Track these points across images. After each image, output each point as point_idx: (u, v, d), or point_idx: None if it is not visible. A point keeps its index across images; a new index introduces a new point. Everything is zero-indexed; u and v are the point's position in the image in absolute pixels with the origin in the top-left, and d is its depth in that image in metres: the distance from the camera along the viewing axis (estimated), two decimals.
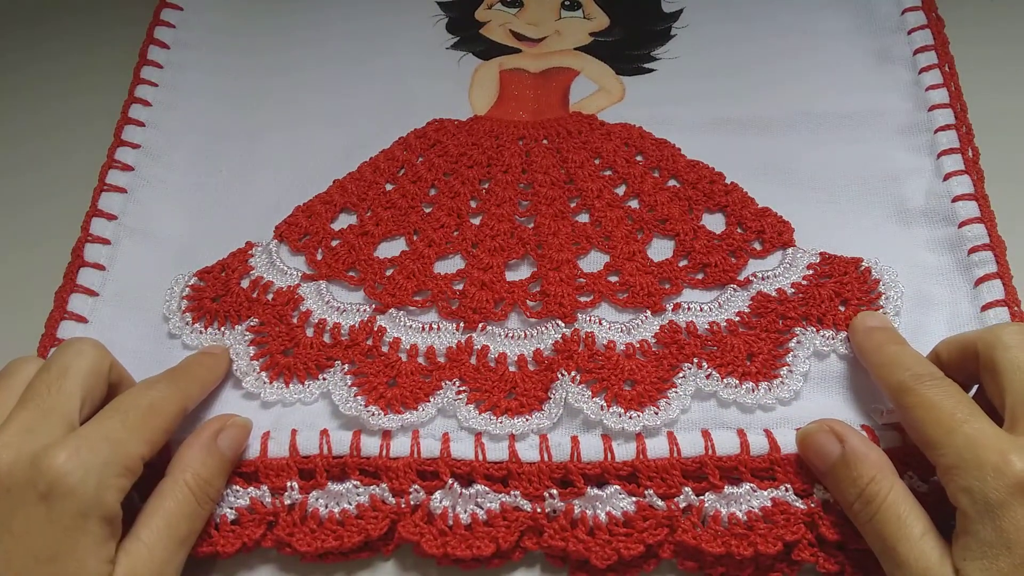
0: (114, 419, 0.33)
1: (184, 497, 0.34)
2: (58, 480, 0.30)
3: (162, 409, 0.34)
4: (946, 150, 0.44)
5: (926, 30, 0.49)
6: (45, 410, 0.32)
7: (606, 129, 0.48)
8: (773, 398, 0.38)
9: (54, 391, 0.33)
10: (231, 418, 0.37)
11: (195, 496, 0.34)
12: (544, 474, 0.36)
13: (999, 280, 0.40)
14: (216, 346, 0.41)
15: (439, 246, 0.44)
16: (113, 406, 0.34)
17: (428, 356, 0.40)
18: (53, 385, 0.33)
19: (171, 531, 0.33)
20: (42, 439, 0.31)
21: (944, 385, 0.33)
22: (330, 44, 0.54)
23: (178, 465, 0.35)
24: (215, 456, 0.35)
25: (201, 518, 0.35)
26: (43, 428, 0.31)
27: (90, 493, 0.30)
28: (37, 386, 0.33)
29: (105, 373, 0.35)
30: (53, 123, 0.53)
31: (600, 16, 0.54)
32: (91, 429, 0.32)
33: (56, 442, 0.31)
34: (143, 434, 0.33)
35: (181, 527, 0.33)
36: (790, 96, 0.49)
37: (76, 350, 0.35)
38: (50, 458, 0.30)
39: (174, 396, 0.35)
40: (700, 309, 0.41)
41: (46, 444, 0.31)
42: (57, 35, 0.57)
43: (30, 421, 0.32)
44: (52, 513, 0.30)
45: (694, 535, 0.34)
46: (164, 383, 0.36)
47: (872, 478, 0.32)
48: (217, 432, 0.36)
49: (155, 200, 0.47)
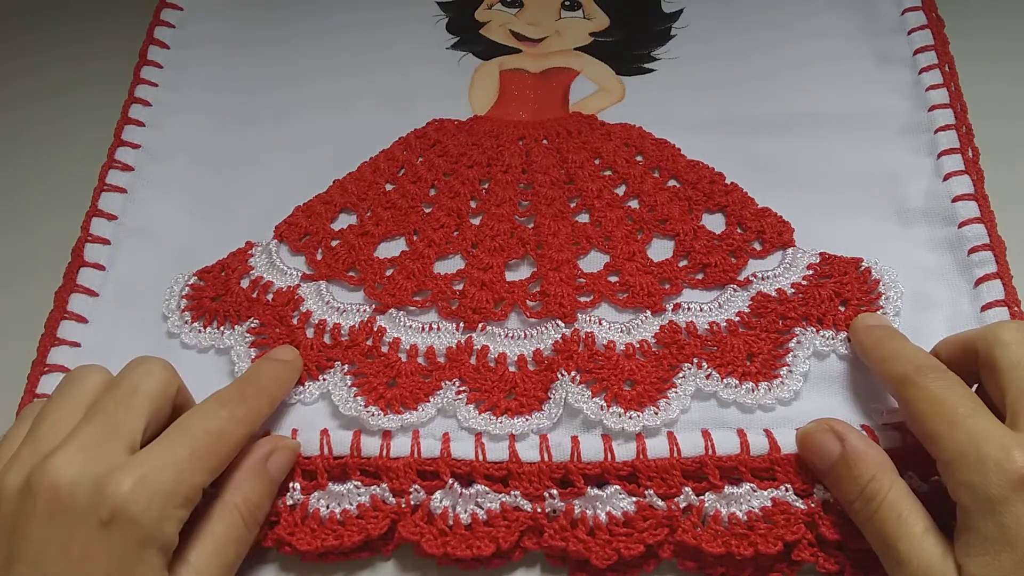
0: (182, 445, 0.31)
1: (234, 522, 0.33)
2: (122, 508, 0.29)
3: (231, 436, 0.33)
4: (946, 150, 0.44)
5: (926, 30, 0.49)
6: (110, 429, 0.31)
7: (606, 129, 0.48)
8: (773, 398, 0.38)
9: (122, 410, 0.32)
10: (281, 440, 0.37)
11: (244, 521, 0.33)
12: (544, 474, 0.36)
13: (999, 280, 0.40)
14: (287, 350, 0.40)
15: (439, 246, 0.44)
16: (182, 428, 0.32)
17: (428, 356, 0.40)
18: (121, 404, 0.32)
19: (220, 557, 0.32)
20: (105, 460, 0.30)
21: (947, 379, 0.32)
22: (330, 44, 0.54)
23: (228, 488, 0.34)
24: (265, 480, 0.35)
25: (248, 543, 0.34)
26: (107, 448, 0.30)
27: (152, 523, 0.29)
28: (105, 402, 0.32)
29: (172, 396, 0.34)
30: (53, 123, 0.53)
31: (600, 16, 0.54)
32: (158, 454, 0.31)
33: (121, 466, 0.30)
34: (208, 463, 0.32)
35: (230, 552, 0.33)
36: (790, 96, 0.49)
37: (146, 370, 0.33)
38: (115, 483, 0.29)
39: (243, 420, 0.34)
40: (700, 309, 0.41)
41: (110, 466, 0.30)
42: (57, 35, 0.57)
43: (95, 439, 0.31)
44: (112, 540, 0.29)
45: (694, 535, 0.34)
46: (235, 403, 0.34)
47: (873, 476, 0.32)
48: (268, 455, 0.35)
49: (155, 200, 0.47)
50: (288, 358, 0.39)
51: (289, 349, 0.40)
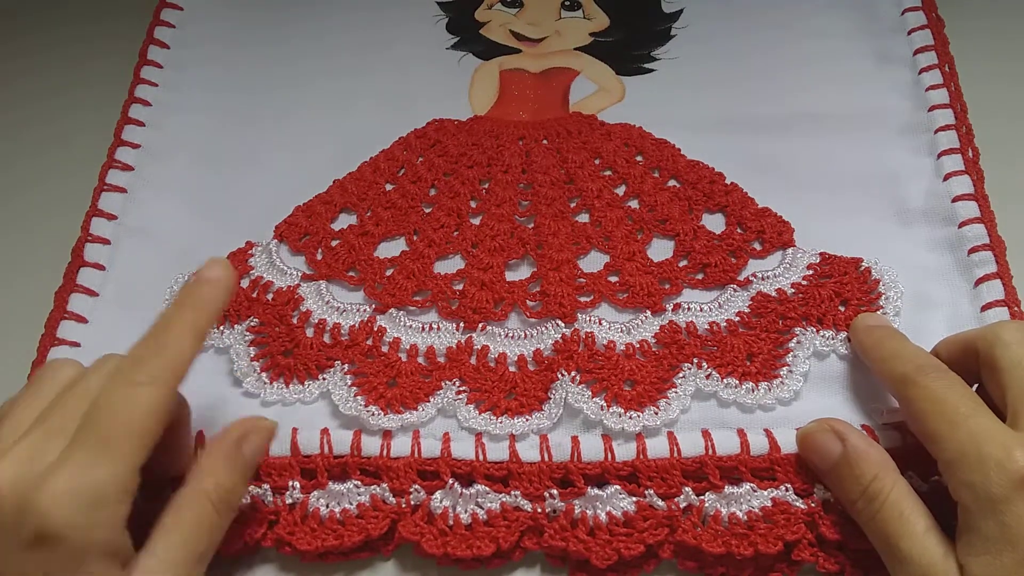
0: (91, 442, 0.28)
1: (204, 509, 0.31)
2: (43, 527, 0.27)
3: (155, 402, 0.30)
4: (946, 150, 0.44)
5: (926, 30, 0.49)
6: (54, 435, 0.29)
7: (606, 129, 0.48)
8: (773, 398, 0.38)
9: (70, 414, 0.30)
10: (257, 422, 0.35)
11: (216, 508, 0.31)
12: (544, 474, 0.36)
13: (999, 280, 0.40)
14: (215, 265, 0.33)
15: (439, 246, 0.44)
16: (90, 420, 0.29)
17: (428, 356, 0.40)
18: (69, 407, 0.30)
19: (189, 546, 0.30)
20: (37, 471, 0.28)
21: (948, 378, 0.32)
22: (330, 43, 0.54)
23: (198, 474, 0.32)
24: (239, 464, 0.33)
25: (221, 530, 0.32)
26: (46, 457, 0.28)
27: (81, 536, 0.27)
28: (58, 404, 0.30)
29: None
30: (53, 123, 0.52)
31: (600, 16, 0.54)
32: (71, 459, 0.28)
33: (40, 481, 0.27)
34: (132, 446, 0.29)
35: (201, 541, 0.31)
36: (790, 96, 0.49)
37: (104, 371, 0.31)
38: (33, 504, 0.27)
39: (164, 374, 0.30)
40: (700, 309, 0.41)
41: (40, 475, 0.27)
42: (57, 35, 0.57)
43: (37, 446, 0.29)
44: (44, 560, 0.27)
45: (694, 535, 0.34)
46: (151, 356, 0.30)
47: (875, 476, 0.32)
48: (241, 438, 0.34)
49: (155, 200, 0.47)
50: (214, 275, 0.33)
51: (218, 263, 0.33)
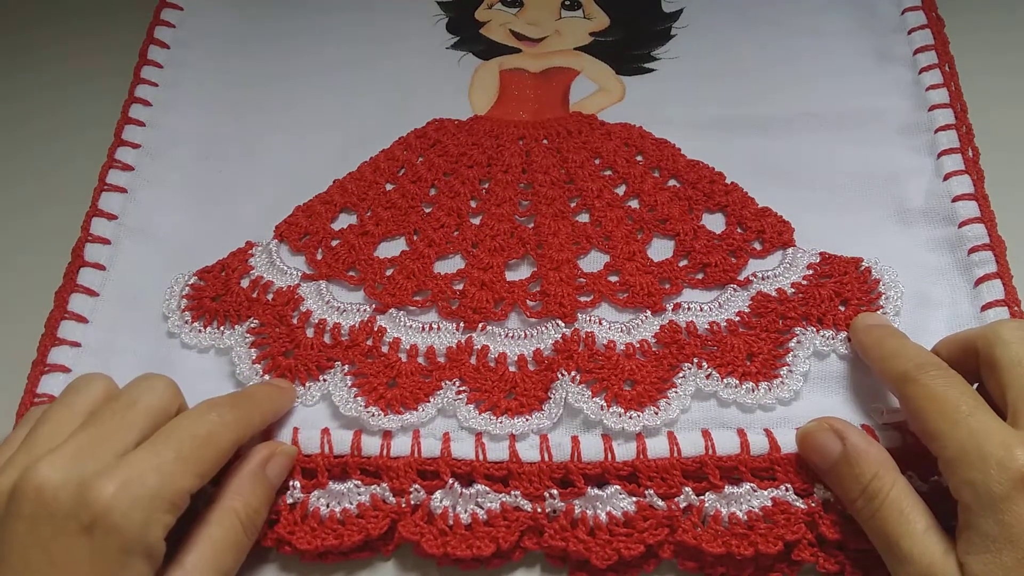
0: (167, 448, 0.31)
1: (233, 527, 0.33)
2: (103, 514, 0.29)
3: (219, 440, 0.33)
4: (946, 150, 0.44)
5: (926, 30, 0.49)
6: (103, 437, 0.31)
7: (606, 129, 0.48)
8: (773, 398, 0.38)
9: (118, 420, 0.32)
10: (279, 446, 0.36)
11: (243, 526, 0.33)
12: (544, 474, 0.36)
13: (999, 280, 0.40)
14: (283, 380, 0.39)
15: (439, 246, 0.44)
16: (168, 432, 0.32)
17: (428, 356, 0.40)
18: (118, 414, 0.32)
19: (217, 562, 0.32)
20: (92, 466, 0.30)
21: (948, 376, 0.32)
22: (330, 43, 0.54)
23: (227, 493, 0.34)
24: (264, 486, 0.35)
25: (245, 550, 0.34)
26: (97, 455, 0.30)
27: (135, 530, 0.29)
28: (103, 412, 0.32)
29: (172, 414, 0.34)
30: (53, 123, 0.52)
31: (600, 16, 0.54)
32: (142, 458, 0.30)
33: (105, 470, 0.29)
34: (195, 467, 0.31)
35: (227, 558, 0.32)
36: (790, 96, 0.49)
37: (148, 385, 0.33)
38: (97, 489, 0.29)
39: (233, 426, 0.34)
40: (700, 309, 0.41)
41: (95, 472, 0.29)
42: (57, 35, 0.57)
43: (87, 446, 0.30)
44: (94, 547, 0.28)
45: (694, 535, 0.34)
46: (225, 408, 0.34)
47: (875, 474, 0.32)
48: (266, 460, 0.35)
49: (155, 200, 0.47)
50: (283, 385, 0.39)
51: (284, 381, 0.39)
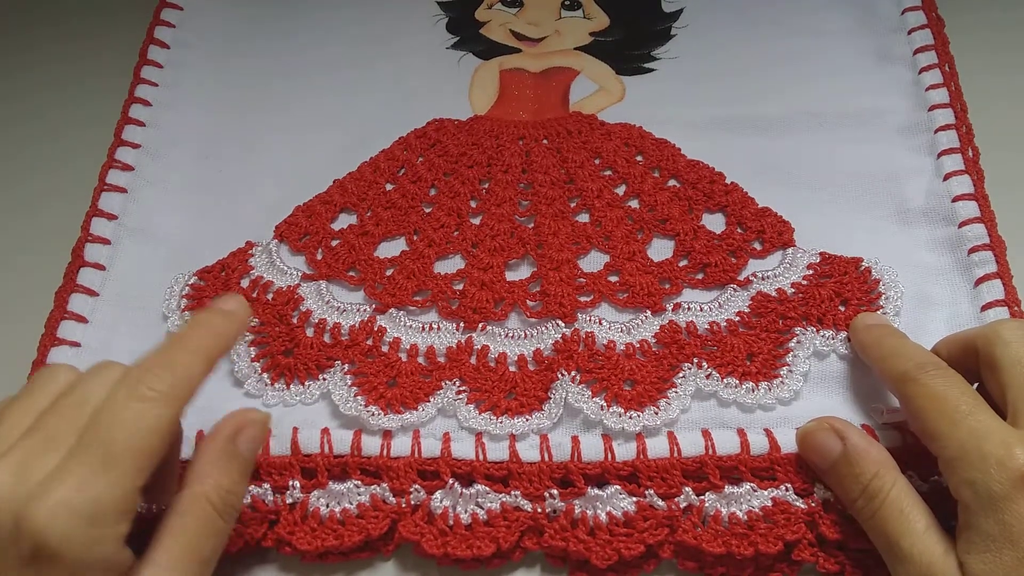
0: (92, 456, 0.27)
1: (205, 513, 0.30)
2: (41, 544, 0.25)
3: (154, 421, 0.28)
4: (946, 150, 0.44)
5: (926, 30, 0.49)
6: (44, 445, 0.27)
7: (606, 129, 0.48)
8: (773, 398, 0.38)
9: (63, 423, 0.28)
10: (249, 414, 0.33)
11: (218, 511, 0.30)
12: (544, 474, 0.36)
13: (999, 280, 0.40)
14: (231, 299, 0.33)
15: (439, 246, 0.44)
16: (91, 432, 0.27)
17: (428, 356, 0.40)
18: (65, 415, 0.28)
19: (193, 552, 0.29)
20: (28, 484, 0.26)
21: (948, 375, 0.32)
22: (330, 43, 0.54)
23: (195, 476, 0.30)
24: (236, 462, 0.31)
25: (225, 532, 0.31)
26: (36, 467, 0.27)
27: (78, 554, 0.26)
28: (50, 412, 0.28)
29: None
30: (53, 123, 0.53)
31: (600, 16, 0.54)
32: (70, 472, 0.26)
33: (38, 492, 0.26)
34: (134, 463, 0.27)
35: (204, 547, 0.30)
36: (790, 96, 0.49)
37: (104, 378, 0.29)
38: (31, 518, 0.25)
39: (171, 393, 0.29)
40: (700, 309, 0.41)
41: (29, 493, 0.26)
42: (57, 35, 0.57)
43: (25, 457, 0.27)
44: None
45: (694, 535, 0.34)
46: (157, 371, 0.29)
47: (875, 474, 0.32)
48: (236, 434, 0.32)
49: (155, 200, 0.47)
50: (229, 307, 0.33)
51: (234, 298, 0.33)
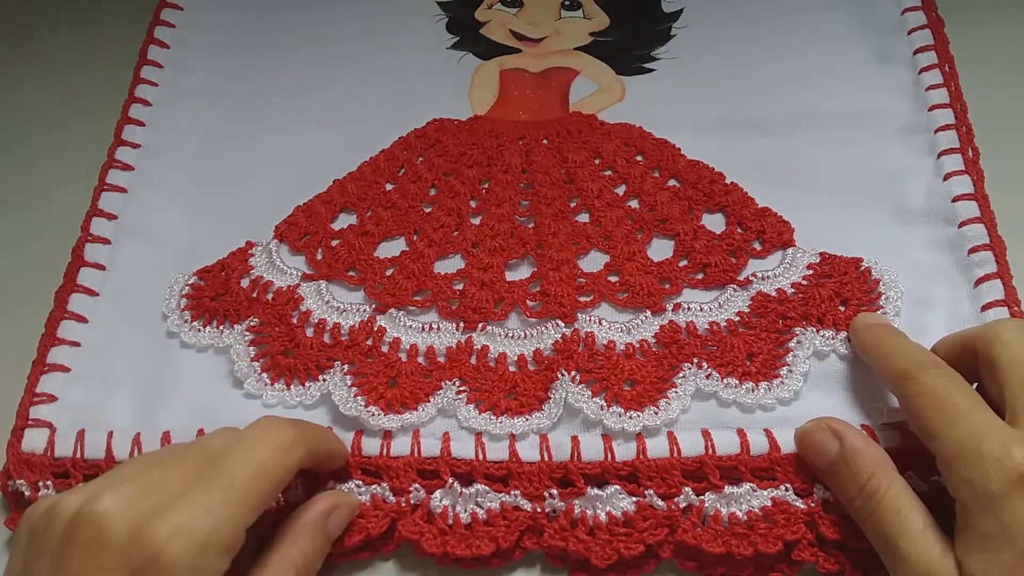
0: (218, 486, 0.29)
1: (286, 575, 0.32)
2: (153, 559, 0.27)
3: (276, 468, 0.31)
4: (946, 150, 0.44)
5: (926, 30, 0.49)
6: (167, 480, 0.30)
7: (606, 129, 0.48)
8: (773, 398, 0.38)
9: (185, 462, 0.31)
10: (343, 496, 0.35)
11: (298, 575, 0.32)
12: (544, 474, 0.36)
13: (999, 280, 0.40)
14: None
15: (439, 246, 0.44)
16: (219, 467, 0.30)
17: (428, 356, 0.40)
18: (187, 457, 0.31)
19: None
20: (154, 504, 0.29)
21: (947, 375, 0.32)
22: (330, 43, 0.54)
23: (286, 541, 0.33)
24: (323, 537, 0.34)
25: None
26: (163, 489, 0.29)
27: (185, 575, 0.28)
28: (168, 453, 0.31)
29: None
30: (53, 122, 0.53)
31: (600, 16, 0.54)
32: (194, 499, 0.29)
33: (162, 509, 0.28)
34: (250, 503, 0.30)
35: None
36: (790, 96, 0.49)
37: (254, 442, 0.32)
38: (151, 530, 0.28)
39: (291, 449, 0.32)
40: (700, 309, 0.41)
41: (153, 509, 0.28)
42: (57, 34, 0.57)
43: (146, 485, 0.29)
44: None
45: (694, 535, 0.34)
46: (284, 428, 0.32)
47: (872, 474, 0.32)
48: (329, 511, 0.34)
49: (155, 200, 0.47)
50: None
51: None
